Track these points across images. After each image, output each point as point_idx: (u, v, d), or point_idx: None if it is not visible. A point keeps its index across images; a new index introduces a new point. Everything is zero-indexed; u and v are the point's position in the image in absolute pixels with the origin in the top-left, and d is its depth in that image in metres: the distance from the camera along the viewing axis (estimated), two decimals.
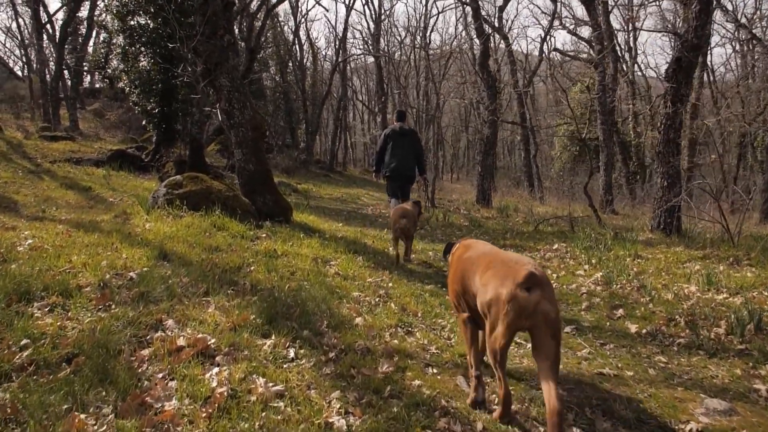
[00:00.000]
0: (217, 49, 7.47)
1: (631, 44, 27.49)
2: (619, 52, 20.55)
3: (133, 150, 16.73)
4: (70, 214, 7.74)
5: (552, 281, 6.47)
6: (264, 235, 6.72)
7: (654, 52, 79.14)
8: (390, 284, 5.24)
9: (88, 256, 4.65)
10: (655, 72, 38.49)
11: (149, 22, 14.82)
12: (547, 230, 10.57)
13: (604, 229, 10.63)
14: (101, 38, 26.13)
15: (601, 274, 6.64)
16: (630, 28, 25.77)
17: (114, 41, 15.76)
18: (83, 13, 25.07)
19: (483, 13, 16.35)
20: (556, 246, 8.68)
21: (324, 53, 38.94)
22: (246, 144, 7.75)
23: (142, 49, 15.01)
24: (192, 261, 4.88)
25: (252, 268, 4.97)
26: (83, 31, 26.28)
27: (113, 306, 3.57)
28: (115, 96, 27.27)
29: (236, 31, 23.27)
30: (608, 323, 4.77)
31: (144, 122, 16.81)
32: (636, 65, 29.62)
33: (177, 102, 15.68)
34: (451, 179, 35.52)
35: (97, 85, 33.55)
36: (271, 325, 3.58)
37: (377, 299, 4.65)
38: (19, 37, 31.12)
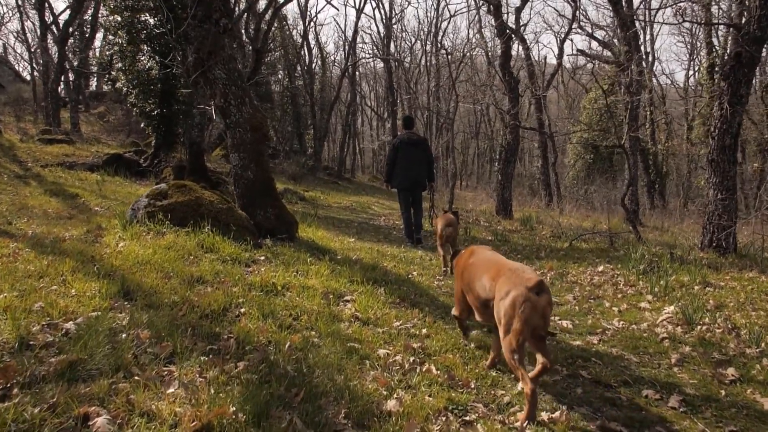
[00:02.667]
0: (211, 35, 6.20)
1: (648, 49, 26.15)
2: (641, 54, 19.19)
3: (130, 154, 15.49)
4: (41, 227, 6.46)
5: (614, 317, 5.16)
6: (263, 257, 5.42)
7: (669, 59, 77.57)
8: (423, 330, 3.92)
9: (20, 293, 3.36)
10: (670, 79, 37.09)
11: (148, 18, 13.61)
12: (582, 247, 9.23)
13: (645, 245, 9.29)
14: (108, 40, 25.05)
15: (672, 308, 5.31)
16: (649, 32, 24.42)
17: (112, 39, 14.46)
18: (89, 14, 24.00)
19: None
20: (601, 268, 7.35)
21: (333, 58, 37.78)
22: (244, 147, 6.47)
23: (142, 47, 13.79)
24: (162, 301, 3.58)
25: (242, 310, 3.67)
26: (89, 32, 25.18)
27: (15, 390, 2.27)
28: (119, 99, 26.15)
29: (243, 31, 22.18)
30: (722, 392, 3.43)
31: (143, 125, 15.58)
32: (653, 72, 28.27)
33: (177, 103, 14.45)
34: (461, 186, 34.15)
35: (105, 88, 32.45)
36: (261, 424, 2.26)
37: (411, 358, 3.32)
38: (25, 40, 29.99)
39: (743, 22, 8.77)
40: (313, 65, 31.48)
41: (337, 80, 30.24)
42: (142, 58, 13.82)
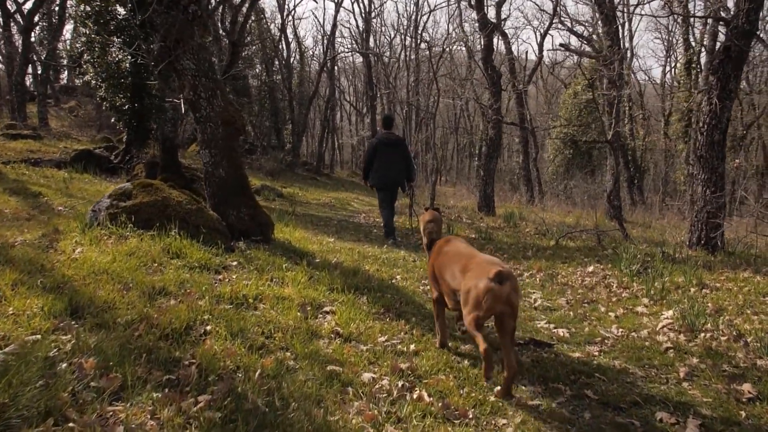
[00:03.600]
0: (179, 23, 5.69)
1: (627, 44, 26.08)
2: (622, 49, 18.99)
3: (101, 150, 14.79)
4: None
5: (611, 323, 4.83)
6: (235, 263, 4.96)
7: (646, 55, 78.12)
8: (412, 346, 3.52)
9: None
10: (647, 75, 37.25)
11: (118, 8, 12.92)
12: (569, 245, 8.93)
13: (633, 243, 9.03)
14: (78, 31, 24.04)
15: (671, 312, 5.01)
16: (628, 28, 24.35)
17: (82, 30, 13.75)
18: (57, 3, 23.00)
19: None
20: (591, 268, 7.04)
21: (312, 52, 37.07)
22: (215, 143, 5.99)
23: (112, 38, 13.10)
24: (116, 319, 3.12)
25: (208, 328, 3.22)
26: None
27: None
28: (91, 93, 25.25)
29: (219, 24, 21.49)
30: (742, 413, 3.10)
31: (113, 120, 14.89)
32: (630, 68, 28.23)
33: (150, 97, 13.80)
34: (441, 182, 33.85)
35: (77, 82, 31.36)
36: None
37: (400, 383, 2.92)
38: None
39: (731, 15, 8.53)
40: (292, 59, 30.82)
41: (315, 75, 29.63)
42: (113, 50, 13.13)
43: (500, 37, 18.57)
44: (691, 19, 24.79)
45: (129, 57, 12.70)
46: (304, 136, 38.20)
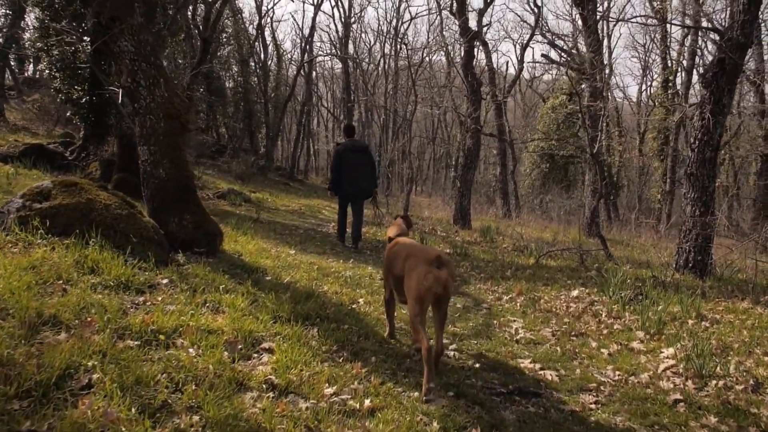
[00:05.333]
0: None
1: (606, 60, 25.83)
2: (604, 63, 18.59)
3: (55, 145, 13.68)
4: None
5: (606, 363, 4.11)
6: (165, 281, 4.12)
7: (623, 73, 79.06)
8: (367, 401, 2.72)
9: None
10: (623, 92, 37.30)
11: None
12: (550, 264, 8.25)
13: (617, 264, 8.41)
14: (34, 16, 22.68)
15: (672, 351, 4.32)
16: (606, 44, 24.15)
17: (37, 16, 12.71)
18: None
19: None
20: (575, 293, 6.35)
21: (290, 56, 36.11)
22: (156, 139, 5.13)
23: (69, 24, 12.09)
24: None
25: (94, 377, 2.38)
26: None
27: None
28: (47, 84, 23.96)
29: (190, 20, 20.56)
30: None
31: (69, 113, 13.82)
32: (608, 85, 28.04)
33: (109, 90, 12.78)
34: (416, 192, 33.19)
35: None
36: None
37: None
38: None
39: (725, 27, 8.01)
40: (269, 62, 29.90)
41: (292, 78, 28.75)
42: (67, 38, 12.12)
43: (481, 47, 18.00)
44: (668, 38, 24.72)
45: (87, 45, 11.73)
46: (279, 141, 37.21)
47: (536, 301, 5.97)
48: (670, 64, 24.34)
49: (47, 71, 12.56)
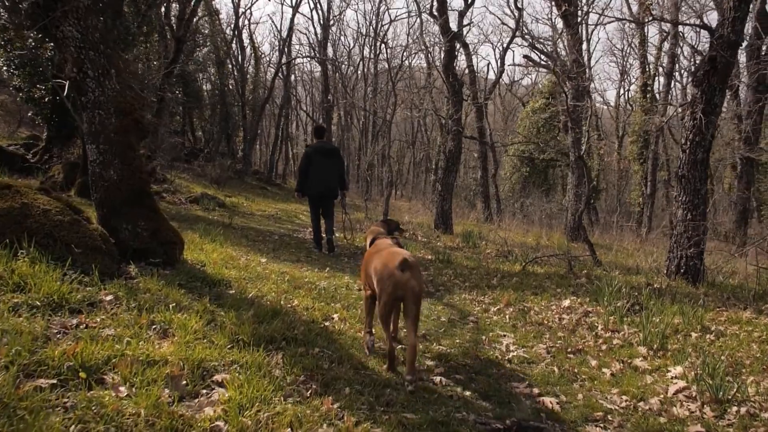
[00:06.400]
0: None
1: (585, 62, 25.68)
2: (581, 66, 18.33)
3: (16, 147, 12.94)
4: None
5: (609, 385, 3.65)
6: (109, 297, 3.54)
7: (601, 77, 79.54)
8: None
9: None
10: (602, 96, 37.37)
11: None
12: (537, 271, 7.81)
13: (605, 270, 8.01)
14: None
15: (680, 369, 3.88)
16: (586, 47, 24.05)
17: None
18: None
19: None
20: (567, 302, 5.90)
21: (268, 59, 35.36)
22: (105, 137, 4.55)
23: (26, 21, 11.35)
24: None
25: None
26: None
27: None
28: (3, 82, 22.98)
29: (163, 18, 19.83)
30: None
31: (31, 113, 13.05)
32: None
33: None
34: (396, 196, 32.72)
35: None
36: None
37: None
38: None
39: (716, 24, 7.67)
40: (246, 64, 29.20)
41: (271, 81, 28.09)
42: (28, 34, 11.39)
43: (461, 49, 17.60)
44: (646, 43, 24.66)
45: (49, 41, 11.01)
46: (258, 144, 36.41)
47: (526, 312, 5.50)
48: (648, 69, 24.28)
49: (5, 68, 11.77)
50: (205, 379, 2.65)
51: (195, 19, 19.68)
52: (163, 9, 19.05)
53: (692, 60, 27.18)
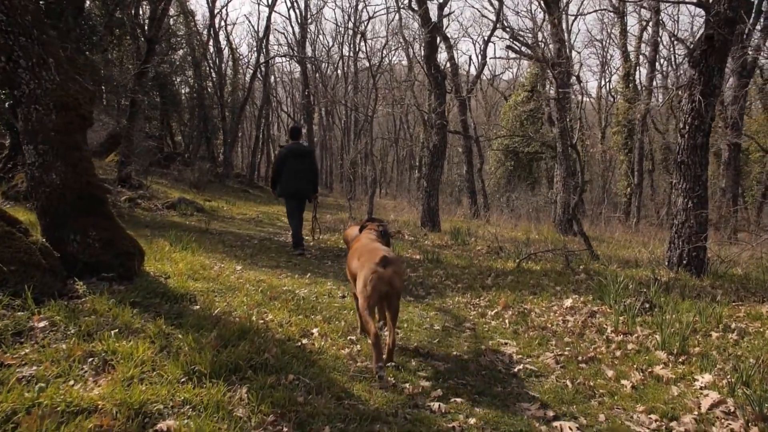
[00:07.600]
0: None
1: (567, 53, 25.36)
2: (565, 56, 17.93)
3: None
4: None
5: (631, 400, 3.14)
6: (43, 324, 2.96)
7: (583, 69, 79.35)
8: None
9: None
10: (584, 88, 37.07)
11: None
12: (533, 268, 7.32)
13: (603, 264, 7.55)
14: None
15: (709, 378, 3.39)
16: (567, 39, 23.71)
17: None
18: None
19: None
20: (569, 302, 5.40)
21: (246, 60, 34.56)
22: (45, 136, 3.95)
23: None
24: None
25: None
26: None
27: None
28: None
29: (134, 19, 19.09)
30: None
31: None
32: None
33: None
34: (380, 195, 32.19)
35: None
36: None
37: None
38: None
39: (711, 1, 7.23)
40: (224, 66, 28.41)
41: (249, 82, 27.36)
42: None
43: (442, 42, 17.10)
44: (626, 34, 24.39)
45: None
46: (239, 147, 35.64)
47: (526, 315, 4.99)
48: (630, 58, 24.01)
49: None
50: (146, 429, 2.08)
51: (169, 20, 18.96)
52: (133, 11, 18.37)
53: (671, 49, 26.97)
